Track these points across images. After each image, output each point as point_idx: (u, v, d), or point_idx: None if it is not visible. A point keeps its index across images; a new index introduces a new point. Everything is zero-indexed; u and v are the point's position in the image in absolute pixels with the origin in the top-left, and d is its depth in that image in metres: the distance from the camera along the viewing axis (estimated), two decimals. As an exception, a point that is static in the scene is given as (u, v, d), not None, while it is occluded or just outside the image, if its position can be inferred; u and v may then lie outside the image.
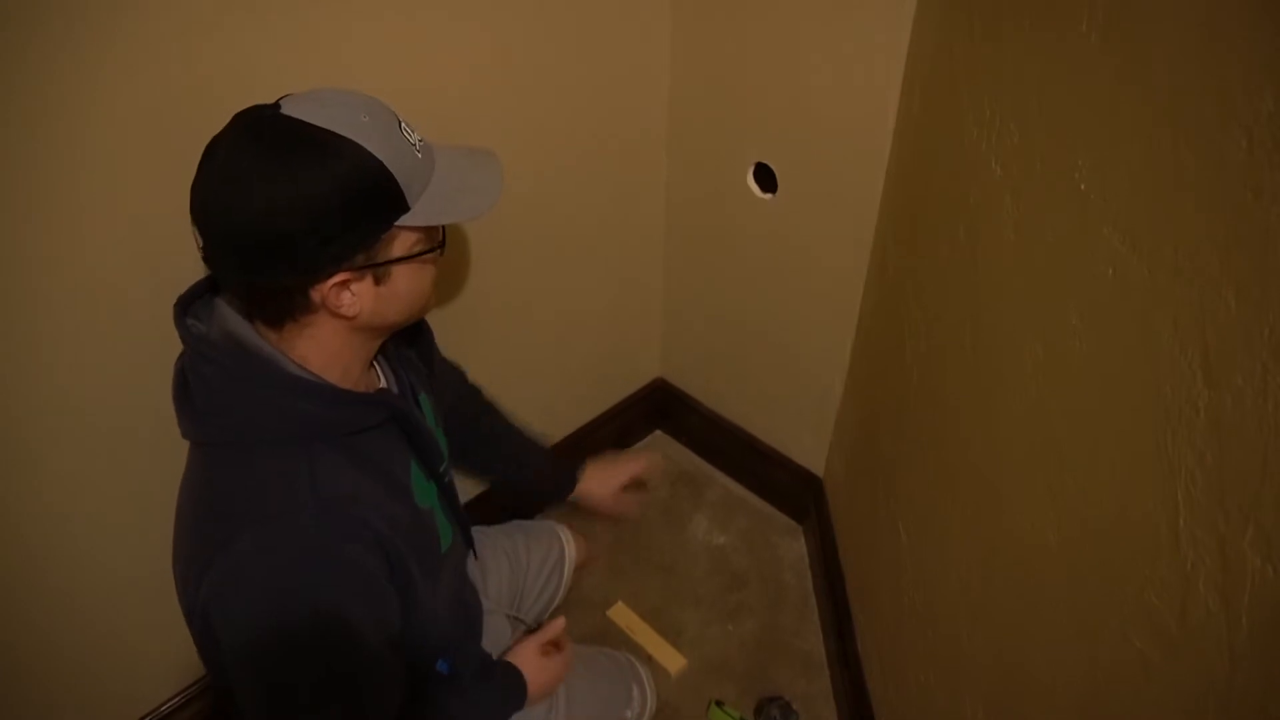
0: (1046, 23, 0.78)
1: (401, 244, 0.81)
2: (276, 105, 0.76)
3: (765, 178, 1.51)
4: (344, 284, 0.79)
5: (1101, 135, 0.69)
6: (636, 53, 1.47)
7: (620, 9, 1.39)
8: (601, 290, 1.73)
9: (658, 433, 2.15)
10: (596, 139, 1.50)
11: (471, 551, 1.21)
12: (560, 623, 1.17)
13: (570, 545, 1.51)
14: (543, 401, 1.75)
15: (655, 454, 1.42)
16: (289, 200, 0.73)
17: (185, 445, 0.86)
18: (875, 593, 1.40)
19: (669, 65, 1.52)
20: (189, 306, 0.86)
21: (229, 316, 0.83)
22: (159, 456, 0.98)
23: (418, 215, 0.80)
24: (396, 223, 0.79)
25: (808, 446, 1.78)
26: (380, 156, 0.76)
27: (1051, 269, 0.78)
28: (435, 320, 1.12)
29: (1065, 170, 0.74)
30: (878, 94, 1.24)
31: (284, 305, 0.80)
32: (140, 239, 0.99)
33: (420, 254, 0.83)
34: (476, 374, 1.35)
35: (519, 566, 1.41)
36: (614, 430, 2.00)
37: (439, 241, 0.86)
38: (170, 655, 1.29)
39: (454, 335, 1.36)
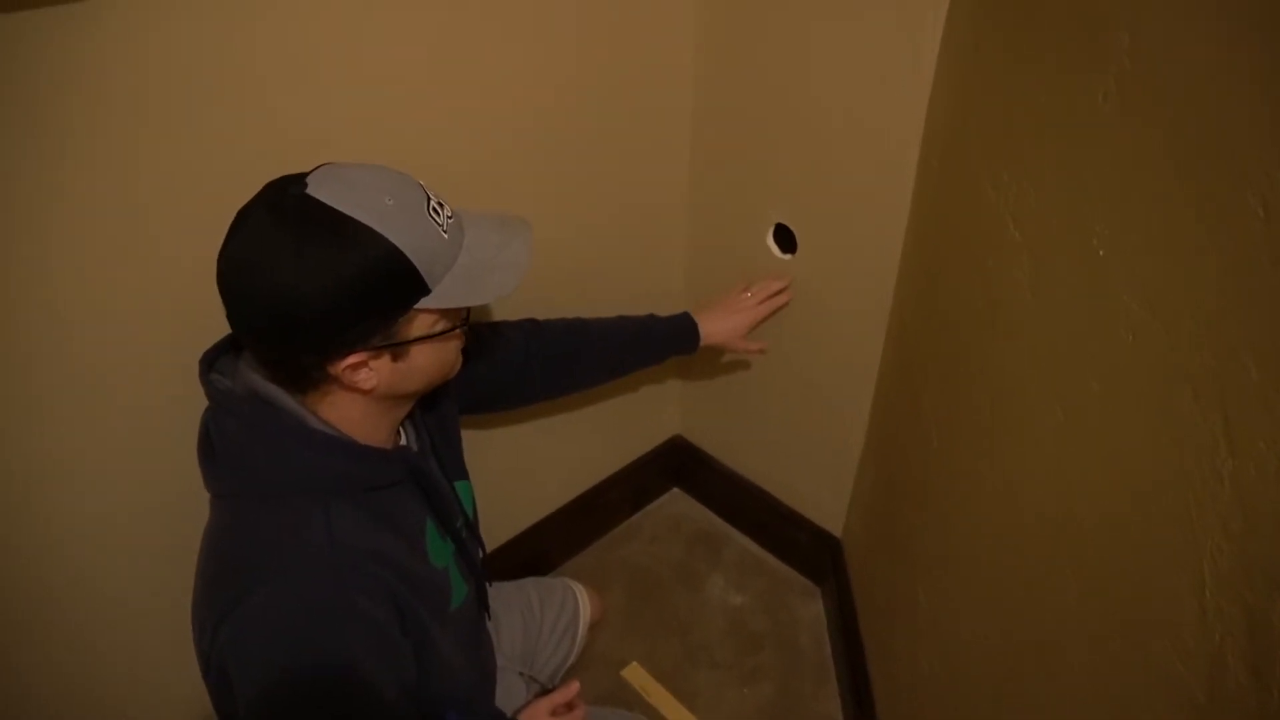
0: (1063, 91, 0.79)
1: (421, 324, 0.81)
2: (304, 182, 0.76)
3: (785, 238, 1.52)
4: (360, 364, 0.79)
5: (1119, 201, 0.70)
6: (658, 112, 1.50)
7: (642, 70, 1.42)
8: (621, 347, 1.74)
9: (675, 490, 2.13)
10: (618, 197, 1.52)
11: (486, 611, 1.20)
12: (574, 686, 1.15)
13: (585, 603, 1.50)
14: (559, 456, 1.75)
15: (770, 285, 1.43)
16: (304, 286, 0.73)
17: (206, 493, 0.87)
18: (894, 659, 1.37)
19: (690, 124, 1.55)
20: (214, 362, 0.87)
21: (253, 372, 0.85)
22: (182, 500, 0.99)
23: (438, 298, 0.79)
24: (416, 305, 0.78)
25: (826, 507, 1.77)
26: (400, 243, 0.75)
27: (1070, 333, 0.78)
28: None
29: (1083, 234, 0.74)
30: (896, 156, 1.25)
31: (301, 376, 0.81)
32: (172, 291, 1.01)
33: (440, 334, 0.83)
34: (492, 430, 1.35)
35: (533, 623, 1.40)
36: (631, 487, 2.00)
37: (462, 319, 0.86)
38: (185, 703, 1.28)
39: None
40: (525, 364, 1.21)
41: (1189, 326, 0.60)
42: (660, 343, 1.38)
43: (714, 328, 1.41)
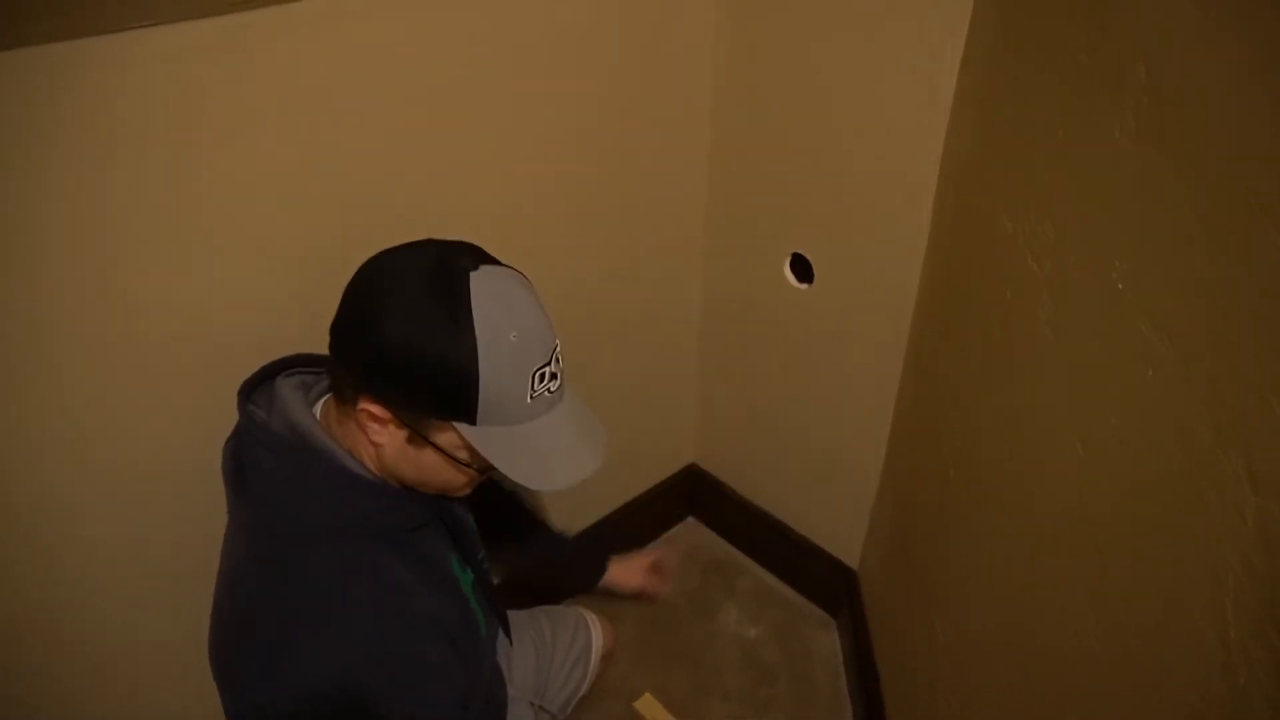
0: (1080, 125, 0.79)
1: (447, 439, 0.80)
2: (479, 265, 0.77)
3: (802, 268, 1.52)
4: (380, 419, 0.79)
5: (1138, 234, 0.69)
6: (676, 143, 1.51)
7: (660, 100, 1.43)
8: (636, 374, 1.74)
9: (690, 519, 2.12)
10: (636, 227, 1.53)
11: (507, 639, 1.19)
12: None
13: (598, 632, 1.48)
14: (577, 485, 1.74)
15: (676, 544, 1.45)
16: (390, 330, 0.74)
17: (221, 518, 0.87)
18: (911, 695, 1.35)
19: (708, 155, 1.56)
20: (251, 392, 0.88)
21: (290, 404, 0.85)
22: (199, 526, 0.99)
23: (474, 436, 0.78)
24: (454, 423, 0.78)
25: (842, 538, 1.75)
26: (483, 373, 0.74)
27: (1090, 368, 0.78)
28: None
29: (1103, 269, 0.74)
30: (914, 187, 1.26)
31: (340, 386, 0.82)
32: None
33: (455, 460, 0.82)
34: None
35: (545, 653, 1.39)
36: (646, 515, 1.99)
37: (483, 467, 0.84)
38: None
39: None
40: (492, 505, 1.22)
41: (1210, 362, 0.60)
42: (577, 564, 1.43)
43: (620, 574, 1.44)
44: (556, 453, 0.83)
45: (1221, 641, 0.58)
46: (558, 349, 0.81)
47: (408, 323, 0.74)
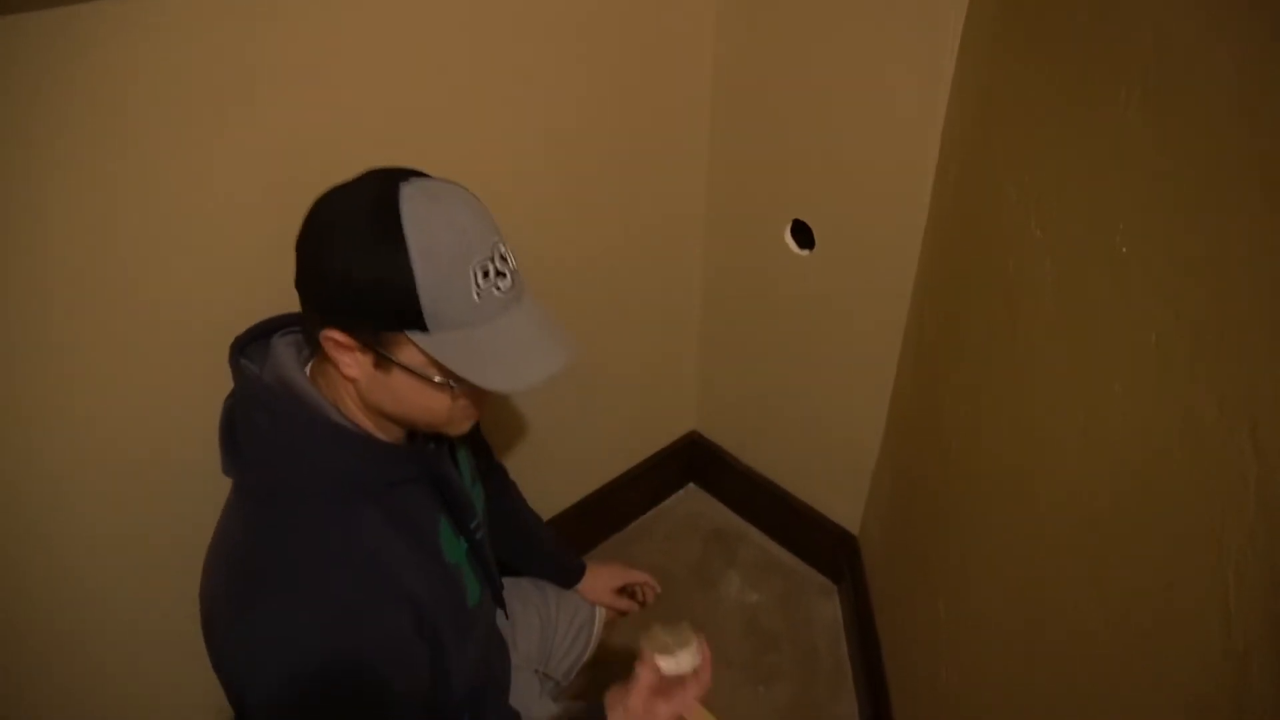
0: (1086, 90, 0.78)
1: (409, 355, 0.80)
2: (407, 181, 0.78)
3: (803, 234, 1.51)
4: (345, 346, 0.79)
5: (1144, 201, 0.68)
6: (677, 108, 1.49)
7: (661, 66, 1.41)
8: (637, 342, 1.74)
9: (691, 486, 2.13)
10: (637, 193, 1.51)
11: (501, 610, 1.19)
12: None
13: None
14: (576, 453, 1.75)
15: (650, 577, 1.46)
16: (332, 256, 0.77)
17: (225, 484, 0.87)
18: (912, 666, 1.36)
19: (709, 122, 1.54)
20: (245, 348, 0.88)
21: (282, 359, 0.86)
22: (202, 497, 0.99)
23: (431, 345, 0.78)
24: (411, 336, 0.78)
25: (843, 504, 1.76)
26: (418, 273, 0.75)
27: (1093, 336, 0.77)
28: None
29: (1106, 233, 0.73)
30: (916, 153, 1.24)
31: (309, 331, 0.84)
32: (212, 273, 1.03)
33: (421, 377, 0.81)
34: (510, 425, 1.36)
35: (549, 621, 1.40)
36: (647, 483, 1.99)
37: (450, 382, 0.82)
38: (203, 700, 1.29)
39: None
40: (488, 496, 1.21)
41: (1215, 329, 0.59)
42: (552, 563, 1.42)
43: (594, 579, 1.45)
44: (520, 352, 0.81)
45: (1222, 612, 0.58)
46: (500, 247, 0.80)
47: (346, 245, 0.76)
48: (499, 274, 0.80)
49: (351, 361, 0.81)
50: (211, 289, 1.04)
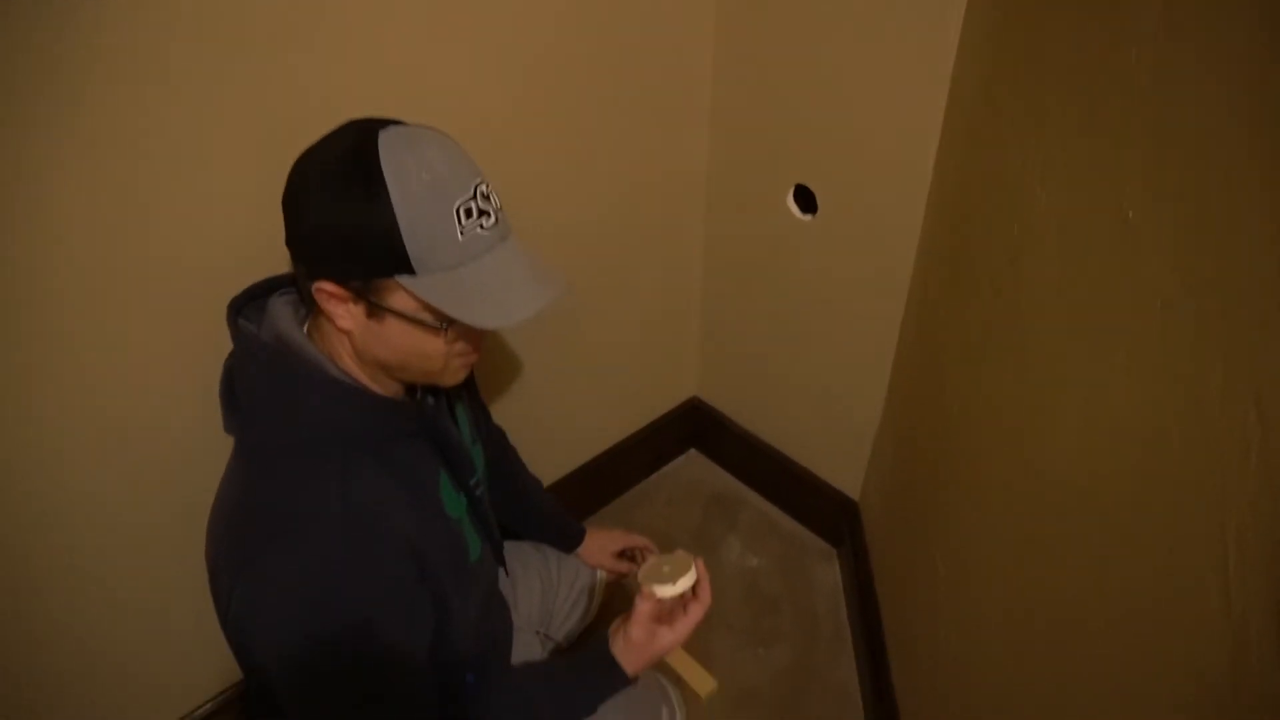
0: (1095, 51, 0.77)
1: (401, 301, 0.80)
2: (385, 129, 0.78)
3: (805, 199, 1.50)
4: (338, 297, 0.80)
5: (1153, 164, 0.67)
6: (679, 71, 1.47)
7: (663, 31, 1.39)
8: (639, 307, 1.73)
9: (692, 452, 2.14)
10: (638, 157, 1.50)
11: (502, 567, 1.20)
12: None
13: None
14: (577, 417, 1.75)
15: (650, 542, 1.46)
16: (311, 209, 0.78)
17: (228, 443, 0.87)
18: (911, 630, 1.37)
19: (711, 86, 1.52)
20: (242, 308, 0.89)
21: (280, 317, 0.86)
22: (203, 456, 1.00)
23: (420, 287, 0.78)
24: (398, 279, 0.78)
25: (844, 469, 1.76)
26: (401, 216, 0.75)
27: (1097, 301, 0.76)
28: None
29: (1113, 197, 0.72)
30: (920, 117, 1.22)
31: (302, 287, 0.84)
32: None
33: (415, 321, 0.81)
34: (511, 390, 1.36)
35: (550, 584, 1.41)
36: (649, 448, 2.00)
37: (442, 323, 0.83)
38: (209, 658, 1.31)
39: (490, 351, 1.36)
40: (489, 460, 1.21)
41: (1222, 296, 0.58)
42: (552, 527, 1.43)
43: (594, 543, 1.45)
44: (508, 288, 0.82)
45: (1221, 577, 0.58)
46: (482, 185, 0.81)
47: (329, 196, 0.77)
48: (482, 213, 0.80)
49: (345, 313, 0.82)
50: (209, 250, 1.03)
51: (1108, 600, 0.75)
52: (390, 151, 0.76)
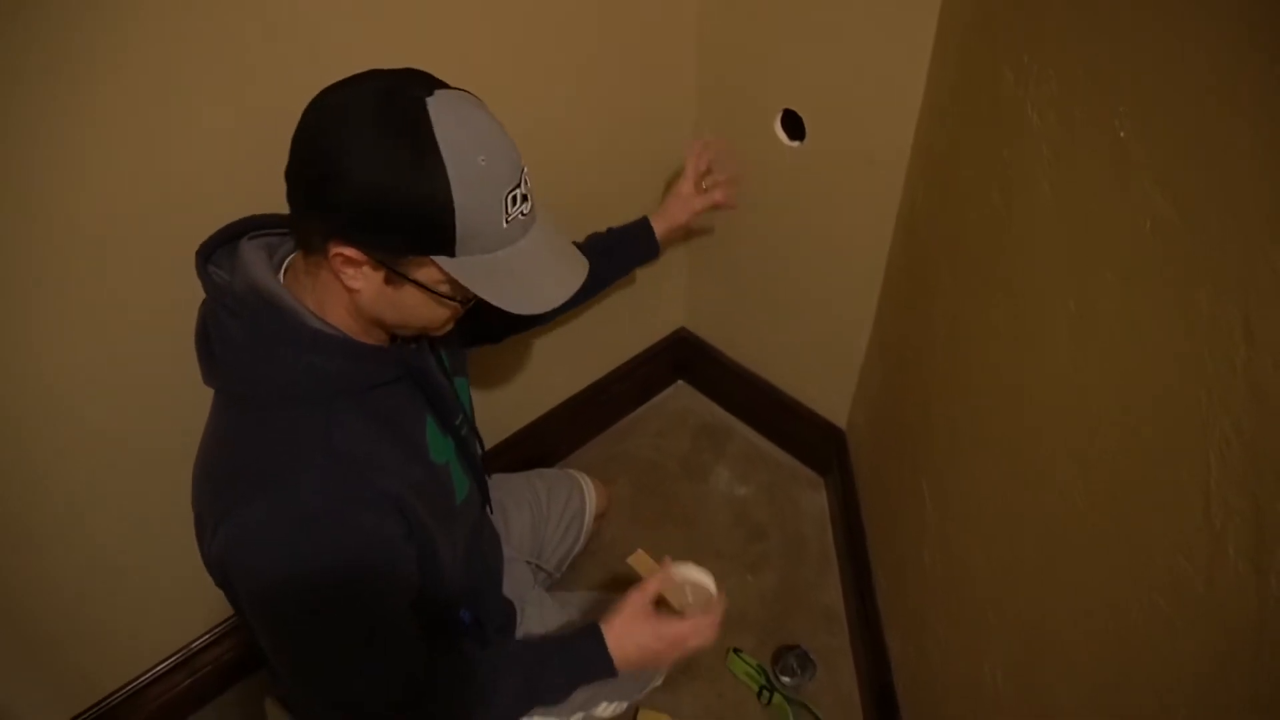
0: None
1: (427, 275, 0.79)
2: (432, 92, 0.74)
3: (793, 125, 1.47)
4: (356, 262, 0.78)
5: (1145, 84, 0.66)
6: (663, -5, 1.43)
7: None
8: (625, 239, 1.71)
9: (679, 383, 2.14)
10: (623, 80, 1.46)
11: (487, 505, 1.21)
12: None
13: (591, 494, 1.52)
14: (564, 350, 1.75)
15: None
16: (357, 173, 0.72)
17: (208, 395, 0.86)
18: (896, 551, 1.40)
19: (697, 6, 1.48)
20: (210, 254, 0.85)
21: (252, 265, 0.83)
22: (187, 401, 0.99)
23: (456, 268, 0.78)
24: (433, 257, 0.77)
25: (831, 398, 1.77)
26: (458, 202, 0.73)
27: (1088, 222, 0.76)
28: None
29: (1105, 116, 0.71)
30: (910, 39, 1.20)
31: (307, 238, 0.80)
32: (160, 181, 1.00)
33: (438, 294, 0.81)
34: (498, 323, 1.34)
35: (540, 515, 1.43)
36: (636, 379, 2.00)
37: (466, 299, 0.83)
38: (200, 594, 1.32)
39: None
40: None
41: (1213, 216, 0.58)
42: (621, 245, 1.38)
43: (664, 213, 1.41)
44: (537, 274, 0.83)
45: (1202, 491, 0.59)
46: (525, 170, 0.80)
47: (372, 163, 0.72)
48: (524, 198, 0.80)
49: (358, 275, 0.79)
50: (179, 193, 1.01)
51: (1090, 515, 0.76)
52: (446, 125, 0.73)
